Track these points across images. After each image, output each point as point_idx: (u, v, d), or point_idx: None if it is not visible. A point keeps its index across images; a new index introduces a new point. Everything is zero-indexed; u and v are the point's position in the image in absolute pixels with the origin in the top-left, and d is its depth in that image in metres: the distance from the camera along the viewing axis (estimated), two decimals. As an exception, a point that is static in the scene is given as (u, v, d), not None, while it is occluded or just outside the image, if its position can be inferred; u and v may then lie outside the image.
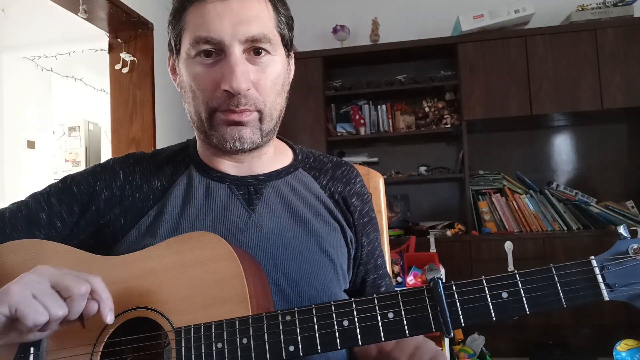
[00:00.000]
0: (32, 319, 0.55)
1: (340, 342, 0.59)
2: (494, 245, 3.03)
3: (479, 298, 0.58)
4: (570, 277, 0.57)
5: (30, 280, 0.57)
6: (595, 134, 3.37)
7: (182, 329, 0.63)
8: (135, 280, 0.68)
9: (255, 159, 0.81)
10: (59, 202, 0.80)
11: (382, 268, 0.90)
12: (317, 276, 0.77)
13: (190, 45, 0.72)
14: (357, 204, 0.86)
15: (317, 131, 3.33)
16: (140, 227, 0.77)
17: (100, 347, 0.65)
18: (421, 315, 0.59)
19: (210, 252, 0.66)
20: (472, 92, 3.16)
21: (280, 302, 0.74)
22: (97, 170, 0.82)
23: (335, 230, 0.83)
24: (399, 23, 3.52)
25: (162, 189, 0.80)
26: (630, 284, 0.55)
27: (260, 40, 0.72)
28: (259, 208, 0.79)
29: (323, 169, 0.87)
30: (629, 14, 3.06)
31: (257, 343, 0.60)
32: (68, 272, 0.60)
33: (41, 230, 0.78)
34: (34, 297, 0.56)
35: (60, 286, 0.58)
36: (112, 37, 2.90)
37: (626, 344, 2.46)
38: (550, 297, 0.56)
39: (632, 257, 0.56)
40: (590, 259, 0.57)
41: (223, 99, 0.72)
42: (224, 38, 0.70)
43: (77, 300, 0.58)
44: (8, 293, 0.55)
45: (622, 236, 0.58)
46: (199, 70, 0.73)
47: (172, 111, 3.06)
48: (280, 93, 0.78)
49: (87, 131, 4.54)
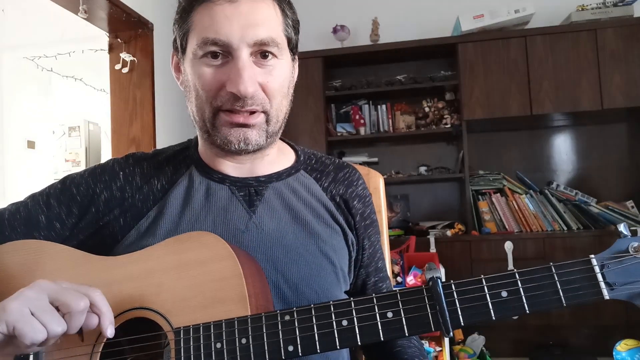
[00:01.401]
0: (30, 337, 0.55)
1: (339, 342, 0.59)
2: (494, 245, 3.03)
3: (479, 297, 0.57)
4: (570, 276, 0.56)
5: (29, 297, 0.57)
6: (595, 134, 3.37)
7: (181, 329, 0.63)
8: (134, 280, 0.68)
9: (258, 160, 0.81)
10: (59, 203, 0.79)
11: (383, 271, 0.91)
12: (317, 278, 0.77)
13: (197, 45, 0.72)
14: (358, 206, 0.86)
15: (317, 131, 3.33)
16: (139, 228, 0.77)
17: (99, 348, 0.65)
18: (420, 315, 0.58)
19: (209, 252, 0.66)
20: (472, 92, 3.16)
21: (280, 304, 0.74)
22: (97, 172, 0.82)
23: (336, 232, 0.83)
24: (399, 23, 3.52)
25: (162, 189, 0.80)
26: (630, 283, 0.55)
27: (268, 44, 0.72)
28: (259, 209, 0.79)
29: (325, 170, 0.87)
30: (629, 14, 3.06)
31: (256, 343, 0.60)
32: (67, 287, 0.59)
33: (40, 232, 0.78)
34: (32, 314, 0.55)
35: (59, 302, 0.58)
36: (112, 37, 2.90)
37: (626, 344, 2.45)
38: (550, 296, 0.56)
39: (632, 256, 0.55)
40: (590, 257, 0.56)
41: (227, 99, 0.71)
42: (232, 41, 0.70)
43: (76, 316, 0.58)
44: (6, 310, 0.55)
45: (623, 234, 0.57)
46: (205, 70, 0.72)
47: (172, 111, 3.06)
48: (286, 96, 0.78)
49: (87, 131, 4.53)
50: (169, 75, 0.84)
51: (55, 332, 0.56)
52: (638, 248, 0.55)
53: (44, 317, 0.56)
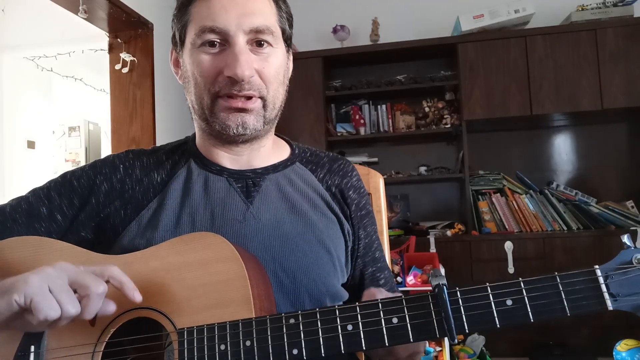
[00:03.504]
0: (44, 313, 0.55)
1: (344, 346, 0.59)
2: (494, 245, 3.04)
3: (484, 305, 0.58)
4: (575, 286, 0.56)
5: (50, 274, 0.58)
6: (595, 134, 3.37)
7: (185, 329, 0.63)
8: (137, 280, 0.67)
9: (255, 151, 0.83)
10: (59, 195, 0.80)
11: (381, 261, 0.91)
12: (314, 267, 0.77)
13: (195, 35, 0.75)
14: (354, 196, 0.87)
15: (317, 131, 3.33)
16: (141, 220, 0.78)
17: (101, 347, 0.65)
18: (426, 321, 0.59)
19: (213, 253, 0.66)
20: (472, 92, 3.16)
21: (278, 293, 0.74)
22: (97, 164, 0.83)
23: (333, 222, 0.84)
24: (399, 23, 3.52)
25: (161, 182, 0.81)
26: (634, 294, 0.55)
27: (264, 32, 0.75)
28: (256, 200, 0.80)
29: (320, 162, 0.89)
30: (629, 14, 3.06)
31: (261, 346, 0.60)
32: (87, 270, 0.60)
33: (42, 223, 0.79)
34: (51, 291, 0.56)
35: (79, 284, 0.58)
36: (112, 37, 2.90)
37: (626, 344, 2.46)
38: (554, 306, 0.56)
39: (636, 267, 0.56)
40: (595, 268, 0.57)
41: (225, 84, 0.74)
42: (229, 28, 0.73)
43: (94, 299, 0.58)
44: (27, 282, 0.56)
45: (626, 245, 0.57)
46: (204, 58, 0.75)
47: (172, 111, 3.06)
48: (282, 84, 0.80)
49: (87, 131, 4.54)
50: (169, 75, 0.85)
51: (69, 312, 0.57)
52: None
53: (61, 296, 0.57)
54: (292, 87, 0.85)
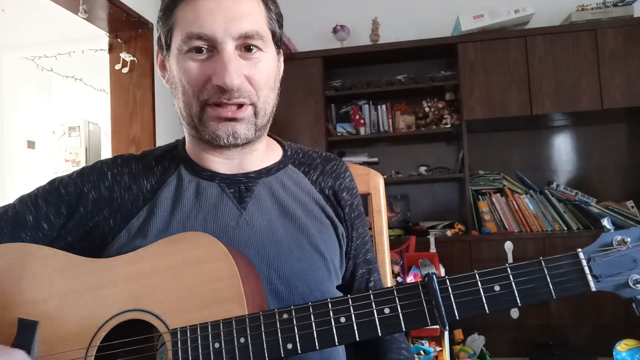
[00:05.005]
0: None
1: (337, 339, 0.60)
2: (494, 245, 3.03)
3: (473, 292, 0.59)
4: (559, 269, 0.59)
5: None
6: (595, 134, 3.36)
7: (178, 330, 0.62)
8: (127, 282, 0.66)
9: (247, 155, 0.81)
10: (46, 203, 0.79)
11: (372, 263, 0.90)
12: (309, 273, 0.76)
13: (182, 41, 0.72)
14: (347, 198, 0.86)
15: (317, 131, 3.32)
16: (130, 229, 0.76)
17: (93, 351, 0.64)
18: (417, 310, 0.60)
19: (204, 252, 0.66)
20: (472, 92, 3.16)
21: (273, 299, 0.74)
22: (85, 172, 0.82)
23: (326, 226, 0.83)
24: (399, 23, 3.52)
25: (151, 189, 0.80)
26: (615, 274, 0.58)
27: (253, 37, 0.72)
28: (250, 206, 0.78)
29: (312, 164, 0.87)
30: (629, 14, 3.06)
31: (255, 342, 0.60)
32: None
33: (27, 232, 0.77)
34: None
35: None
36: (112, 37, 2.90)
37: (626, 344, 2.45)
38: (540, 289, 0.58)
39: (616, 249, 0.58)
40: (578, 251, 0.59)
41: (213, 92, 0.71)
42: (217, 34, 0.70)
43: None
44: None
45: (606, 228, 0.60)
46: (191, 65, 0.72)
47: (172, 111, 3.04)
48: (272, 89, 0.78)
49: (87, 131, 4.54)
50: (168, 75, 0.84)
51: None
52: (621, 241, 0.58)
53: None
54: (292, 87, 0.84)
